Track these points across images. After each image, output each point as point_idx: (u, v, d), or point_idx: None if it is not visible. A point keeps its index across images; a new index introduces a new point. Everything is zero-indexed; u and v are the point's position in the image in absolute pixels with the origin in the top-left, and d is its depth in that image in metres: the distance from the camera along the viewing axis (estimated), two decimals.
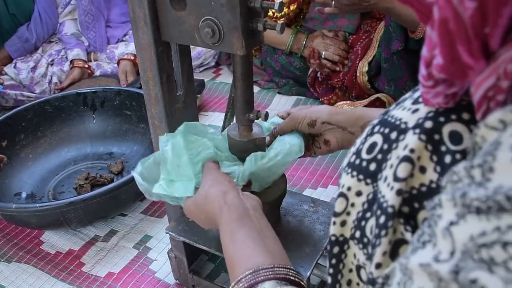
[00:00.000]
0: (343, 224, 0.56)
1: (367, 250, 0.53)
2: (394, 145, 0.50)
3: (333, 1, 1.32)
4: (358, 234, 0.54)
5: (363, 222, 0.53)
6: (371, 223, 0.52)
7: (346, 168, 0.55)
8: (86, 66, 2.09)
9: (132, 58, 2.03)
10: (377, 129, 0.53)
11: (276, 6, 0.71)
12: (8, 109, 1.82)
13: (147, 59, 0.86)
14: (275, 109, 1.84)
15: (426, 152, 0.47)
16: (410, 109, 0.50)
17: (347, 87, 1.70)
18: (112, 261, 1.23)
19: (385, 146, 0.51)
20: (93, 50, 2.17)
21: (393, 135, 0.50)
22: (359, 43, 1.68)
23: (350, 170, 0.55)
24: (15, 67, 2.03)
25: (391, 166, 0.49)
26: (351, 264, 0.57)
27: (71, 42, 2.12)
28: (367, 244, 0.53)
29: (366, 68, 1.62)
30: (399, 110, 0.52)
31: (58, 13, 2.18)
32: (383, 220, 0.49)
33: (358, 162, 0.54)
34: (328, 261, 0.59)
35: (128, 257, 1.24)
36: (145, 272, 1.19)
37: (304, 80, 1.86)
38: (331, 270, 0.59)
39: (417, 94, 0.52)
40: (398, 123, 0.51)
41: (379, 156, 0.52)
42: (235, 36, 0.74)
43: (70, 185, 1.48)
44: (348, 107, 1.63)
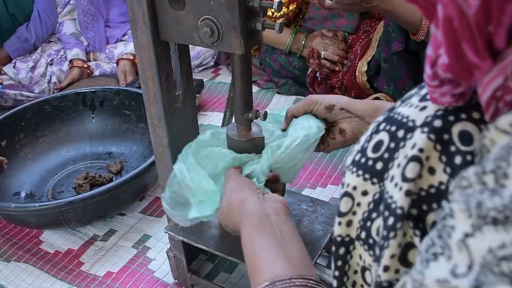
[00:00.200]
0: (349, 224, 0.55)
1: (373, 251, 0.52)
2: (401, 143, 0.49)
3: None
4: (363, 235, 0.53)
5: (368, 223, 0.52)
6: (377, 224, 0.51)
7: (351, 167, 0.54)
8: (85, 66, 2.09)
9: (131, 57, 2.03)
10: (383, 126, 0.52)
11: (275, 5, 0.72)
12: (7, 109, 1.82)
13: (146, 59, 0.87)
14: (274, 109, 1.83)
15: (435, 152, 0.46)
16: (418, 107, 0.49)
17: (346, 87, 1.70)
18: (111, 261, 1.23)
19: (392, 145, 0.50)
20: (92, 50, 2.17)
21: (400, 133, 0.49)
22: (358, 43, 1.69)
23: (356, 169, 0.53)
24: (14, 66, 2.03)
25: (398, 165, 0.48)
26: (356, 265, 0.56)
27: (70, 42, 2.12)
28: (373, 246, 0.52)
29: (365, 68, 1.62)
30: (405, 107, 0.51)
31: (57, 13, 2.18)
32: (392, 221, 0.47)
33: (363, 160, 0.53)
34: (333, 263, 0.58)
35: (127, 256, 1.24)
36: (144, 271, 1.19)
37: (303, 80, 1.86)
38: (337, 272, 0.57)
39: (424, 91, 0.51)
40: (405, 120, 0.49)
41: (385, 155, 0.50)
42: (234, 36, 0.74)
43: (69, 185, 1.48)
44: None
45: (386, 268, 0.48)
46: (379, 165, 0.51)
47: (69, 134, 1.63)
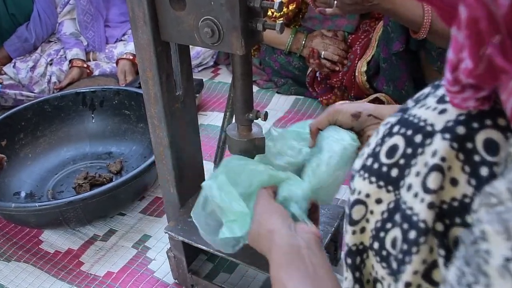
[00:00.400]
0: (362, 230, 0.52)
1: (388, 264, 0.49)
2: (419, 149, 0.45)
3: (335, 1, 1.31)
4: (376, 245, 0.50)
5: (382, 233, 0.49)
6: (393, 236, 0.47)
7: (361, 172, 0.50)
8: (85, 65, 2.09)
9: (131, 57, 2.03)
10: (396, 129, 0.48)
11: (275, 6, 0.72)
12: (7, 109, 1.82)
13: (147, 59, 0.87)
14: (274, 109, 1.84)
15: (458, 162, 0.42)
16: (436, 109, 0.45)
17: (346, 87, 1.70)
18: (111, 261, 1.23)
19: (409, 150, 0.46)
20: (92, 49, 2.17)
21: (418, 138, 0.45)
22: (357, 42, 1.69)
23: (368, 175, 0.50)
24: (14, 66, 2.03)
25: (417, 174, 0.45)
26: (369, 275, 0.53)
27: (70, 41, 2.12)
28: (386, 258, 0.49)
29: (364, 68, 1.62)
30: (421, 109, 0.47)
31: (57, 13, 2.18)
32: (414, 235, 0.44)
33: (376, 166, 0.49)
34: (350, 274, 0.54)
35: (127, 256, 1.24)
36: (144, 271, 1.19)
37: (303, 79, 1.86)
38: (357, 286, 0.54)
39: (441, 92, 0.47)
40: (422, 124, 0.46)
41: (401, 161, 0.47)
42: (235, 36, 0.74)
43: (69, 185, 1.48)
44: None
45: (408, 285, 0.45)
46: (394, 172, 0.48)
47: (69, 134, 1.63)
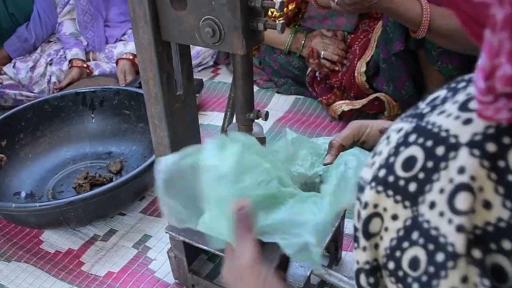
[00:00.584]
0: (376, 246, 0.48)
1: (404, 285, 0.46)
2: (442, 164, 0.41)
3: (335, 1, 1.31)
4: (391, 265, 0.46)
5: (398, 253, 0.45)
6: (410, 255, 0.44)
7: (373, 184, 0.46)
8: (85, 65, 2.09)
9: (131, 57, 2.03)
10: (413, 138, 0.44)
11: (276, 5, 0.72)
12: (7, 109, 1.82)
13: (147, 59, 0.87)
14: (274, 109, 1.84)
15: (490, 182, 0.39)
16: (459, 118, 0.41)
17: (345, 87, 1.70)
18: (111, 261, 1.23)
19: (429, 164, 0.42)
20: (91, 49, 2.17)
21: (440, 151, 0.42)
22: (357, 42, 1.69)
23: (383, 188, 0.46)
24: (14, 66, 2.03)
25: (441, 190, 0.41)
26: None
27: (70, 41, 2.12)
28: (403, 279, 0.45)
29: (364, 68, 1.62)
30: (441, 116, 0.43)
31: (57, 13, 2.18)
32: (442, 258, 0.40)
33: (392, 179, 0.45)
34: None
35: (127, 256, 1.24)
36: (144, 271, 1.19)
37: (303, 79, 1.86)
38: None
39: (462, 97, 0.43)
40: (444, 135, 0.42)
41: (420, 175, 0.43)
42: (236, 36, 0.74)
43: (69, 185, 1.48)
44: (346, 107, 1.64)
45: None
46: (412, 187, 0.44)
47: (69, 134, 1.62)
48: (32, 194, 1.45)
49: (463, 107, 0.42)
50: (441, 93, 0.46)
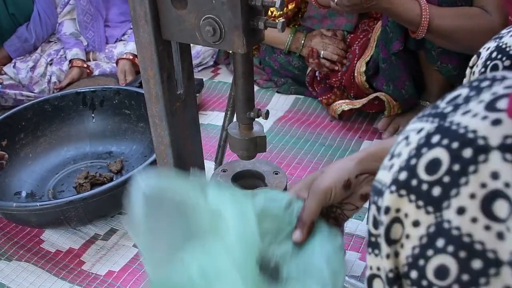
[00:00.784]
0: (397, 254, 0.46)
1: None
2: (471, 167, 0.39)
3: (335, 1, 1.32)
4: (414, 274, 0.43)
5: (421, 261, 0.43)
6: (436, 264, 0.42)
7: (393, 187, 0.44)
8: (85, 65, 2.09)
9: (131, 57, 2.03)
10: (436, 140, 0.41)
11: (277, 4, 0.72)
12: (7, 109, 1.82)
13: (148, 58, 0.87)
14: (274, 108, 1.84)
15: None
16: (487, 118, 0.39)
17: (345, 87, 1.70)
18: (112, 260, 1.23)
19: (456, 167, 0.40)
20: (92, 49, 2.17)
21: (467, 153, 0.39)
22: (356, 42, 1.69)
23: (406, 192, 0.43)
24: (14, 66, 2.04)
25: (472, 196, 0.39)
26: None
27: (70, 41, 2.12)
28: None
29: (363, 68, 1.62)
30: (466, 116, 0.40)
31: (57, 13, 2.19)
32: (480, 266, 0.39)
33: (415, 183, 0.42)
34: None
35: (128, 255, 1.24)
36: (145, 270, 1.19)
37: (303, 79, 1.87)
38: None
39: (487, 96, 0.41)
40: (471, 136, 0.39)
41: (446, 179, 0.40)
42: (236, 35, 0.75)
43: (69, 184, 1.48)
44: (346, 106, 1.64)
45: None
46: (436, 191, 0.41)
47: (69, 134, 1.63)
48: (32, 193, 1.45)
49: (490, 107, 0.40)
50: (463, 91, 0.44)
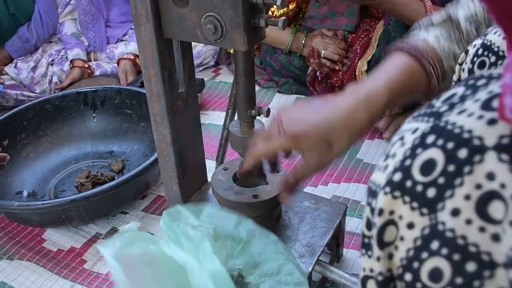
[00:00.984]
0: (391, 256, 0.45)
1: None
2: (466, 168, 0.38)
3: None
4: (408, 277, 0.43)
5: (415, 264, 0.42)
6: (430, 266, 0.41)
7: (388, 189, 0.43)
8: (86, 66, 2.09)
9: (132, 57, 2.03)
10: (431, 140, 0.41)
11: (278, 2, 0.72)
12: (8, 109, 1.82)
13: (149, 56, 0.87)
14: (275, 108, 1.82)
15: None
16: (482, 118, 0.39)
17: (346, 86, 1.71)
18: None
19: (451, 168, 0.39)
20: (93, 50, 2.18)
21: (462, 154, 0.39)
22: (358, 42, 1.69)
23: (400, 194, 0.43)
24: (15, 67, 2.04)
25: (467, 197, 0.38)
26: None
27: (71, 42, 2.13)
28: None
29: (365, 67, 1.62)
30: (461, 116, 0.40)
31: (58, 13, 2.19)
32: (474, 268, 0.38)
33: (409, 184, 0.42)
34: None
35: None
36: None
37: (304, 79, 1.87)
38: None
39: (483, 95, 0.40)
40: (466, 136, 0.39)
41: (440, 180, 0.40)
42: (237, 33, 0.75)
43: (71, 184, 1.49)
44: None
45: None
46: (431, 192, 0.41)
47: (70, 134, 1.63)
48: (34, 193, 1.45)
49: (486, 106, 0.39)
50: (458, 90, 0.43)
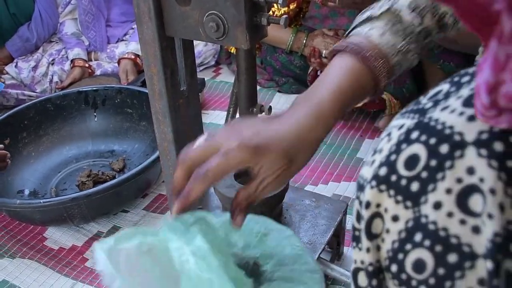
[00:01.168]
0: (378, 248, 0.47)
1: None
2: (447, 163, 0.40)
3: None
4: (394, 268, 0.44)
5: (400, 255, 0.44)
6: (413, 258, 0.43)
7: (373, 183, 0.45)
8: (87, 65, 2.09)
9: (133, 57, 2.04)
10: (415, 136, 0.42)
11: (280, 0, 0.72)
12: (9, 108, 1.82)
13: (151, 54, 0.87)
14: (276, 108, 1.84)
15: (500, 183, 0.37)
16: (463, 114, 0.40)
17: None
18: None
19: (433, 163, 0.41)
20: (93, 49, 2.18)
21: (444, 149, 0.40)
22: None
23: (385, 187, 0.44)
24: (16, 66, 2.04)
25: (448, 191, 0.40)
26: None
27: (72, 41, 2.13)
28: (407, 282, 0.44)
29: None
30: (444, 112, 0.41)
31: (58, 13, 2.19)
32: (456, 259, 0.40)
33: (394, 178, 0.43)
34: None
35: None
36: None
37: (304, 78, 1.87)
38: None
39: (466, 92, 0.41)
40: (448, 132, 0.40)
41: (423, 174, 0.41)
42: (240, 31, 0.75)
43: (72, 183, 1.49)
44: None
45: None
46: (414, 186, 0.42)
47: (71, 133, 1.63)
48: (35, 192, 1.46)
49: (467, 103, 0.40)
50: (444, 87, 0.44)
